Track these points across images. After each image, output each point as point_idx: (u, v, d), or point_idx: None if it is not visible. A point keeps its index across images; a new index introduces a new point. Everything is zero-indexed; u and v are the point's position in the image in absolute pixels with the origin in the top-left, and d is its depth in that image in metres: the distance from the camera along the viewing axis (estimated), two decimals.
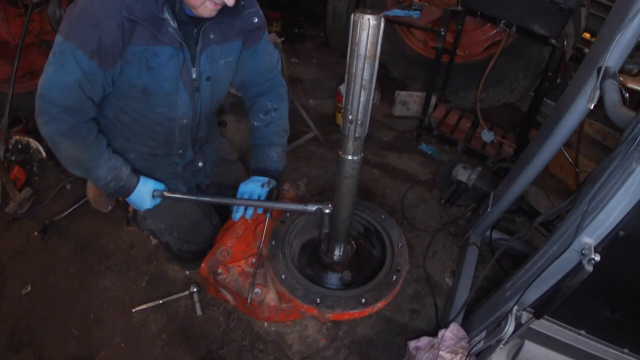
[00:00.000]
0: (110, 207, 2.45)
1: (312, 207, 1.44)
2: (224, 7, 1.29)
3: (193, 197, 1.62)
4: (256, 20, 1.50)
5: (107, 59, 1.25)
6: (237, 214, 1.66)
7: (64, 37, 1.22)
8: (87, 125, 1.42)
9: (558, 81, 2.64)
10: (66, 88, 1.27)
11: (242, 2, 1.40)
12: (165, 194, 1.60)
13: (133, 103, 1.45)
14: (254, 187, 1.66)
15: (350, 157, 1.19)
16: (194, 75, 1.44)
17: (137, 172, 1.59)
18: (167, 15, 1.26)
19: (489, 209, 2.17)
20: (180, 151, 1.69)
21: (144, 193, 1.58)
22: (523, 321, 1.40)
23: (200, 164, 1.83)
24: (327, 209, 1.43)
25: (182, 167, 1.76)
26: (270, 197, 1.68)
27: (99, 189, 1.53)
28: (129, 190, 1.55)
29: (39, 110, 1.31)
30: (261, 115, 1.75)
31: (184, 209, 1.78)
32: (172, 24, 1.28)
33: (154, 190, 1.60)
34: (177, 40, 1.31)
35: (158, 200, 1.63)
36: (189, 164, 1.77)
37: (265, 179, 1.68)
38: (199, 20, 1.35)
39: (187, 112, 1.52)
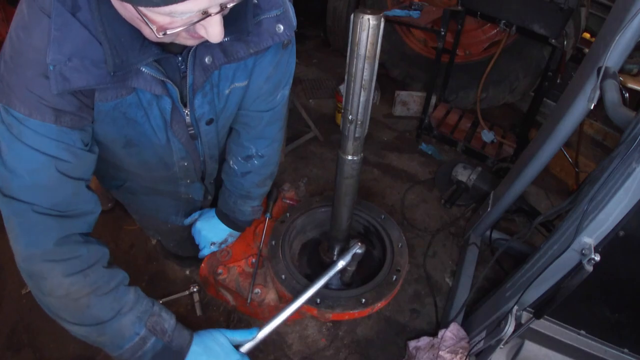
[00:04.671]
0: (110, 205, 2.45)
1: (348, 258, 1.31)
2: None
3: (271, 327, 1.14)
4: (281, 28, 0.95)
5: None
6: (204, 253, 1.53)
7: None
8: (89, 240, 0.95)
9: (558, 81, 2.64)
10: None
11: (255, 1, 0.91)
12: (247, 347, 1.09)
13: (114, 152, 1.09)
14: (206, 240, 1.48)
15: (350, 157, 1.19)
16: (188, 119, 1.04)
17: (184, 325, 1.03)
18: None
19: (489, 209, 2.17)
20: (188, 181, 1.33)
21: (216, 353, 1.00)
22: (523, 321, 1.40)
23: (210, 197, 1.55)
24: (359, 248, 1.32)
25: (185, 201, 1.48)
26: (269, 199, 1.68)
27: None
28: (180, 354, 0.97)
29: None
30: (240, 159, 1.32)
31: (171, 228, 1.63)
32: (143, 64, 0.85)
33: (236, 346, 1.06)
34: (157, 80, 0.88)
35: None
36: (195, 196, 1.45)
37: (221, 237, 1.47)
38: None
39: (185, 157, 1.17)
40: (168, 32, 0.69)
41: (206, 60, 0.92)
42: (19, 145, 0.81)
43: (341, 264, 1.30)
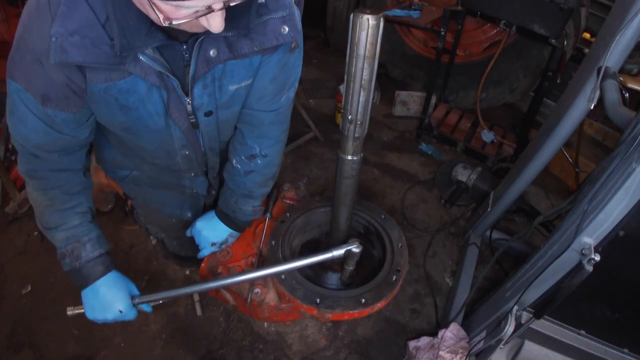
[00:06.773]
0: (110, 206, 2.46)
1: (341, 251, 1.28)
2: (227, 13, 0.79)
3: (180, 292, 1.25)
4: (286, 29, 0.98)
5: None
6: (203, 253, 1.51)
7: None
8: (63, 170, 1.13)
9: (558, 81, 2.64)
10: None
11: (263, 1, 0.94)
12: (141, 300, 1.22)
13: (117, 134, 1.14)
14: (206, 241, 1.48)
15: (350, 157, 1.19)
16: (188, 108, 1.05)
17: (109, 263, 1.20)
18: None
19: (489, 209, 2.17)
20: (192, 174, 1.36)
21: (108, 297, 1.16)
22: (523, 321, 1.40)
23: (214, 192, 1.55)
24: (357, 247, 1.29)
25: (190, 196, 1.50)
26: (269, 199, 1.68)
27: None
28: (85, 280, 1.16)
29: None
30: (243, 158, 1.33)
31: (175, 223, 1.64)
32: (145, 50, 0.87)
33: (132, 296, 1.21)
34: (154, 71, 0.90)
35: (131, 313, 1.20)
36: (199, 190, 1.48)
37: (222, 238, 1.47)
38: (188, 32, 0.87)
39: (186, 145, 1.18)
40: (174, 22, 0.74)
41: (211, 53, 0.95)
42: (14, 116, 0.99)
43: (331, 254, 1.27)
